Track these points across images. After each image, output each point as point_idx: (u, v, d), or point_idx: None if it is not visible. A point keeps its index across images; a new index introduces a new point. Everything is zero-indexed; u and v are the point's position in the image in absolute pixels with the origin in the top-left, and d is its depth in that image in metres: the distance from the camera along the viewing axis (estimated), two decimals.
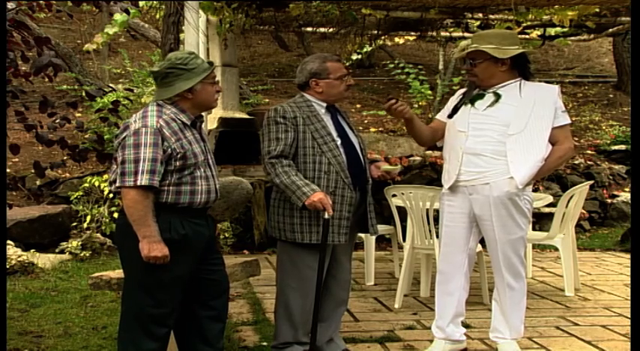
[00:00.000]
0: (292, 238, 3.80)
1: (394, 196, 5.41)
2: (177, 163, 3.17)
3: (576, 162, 9.10)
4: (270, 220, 3.93)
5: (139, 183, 3.07)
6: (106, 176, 7.07)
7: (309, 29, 7.95)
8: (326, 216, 3.65)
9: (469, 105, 3.99)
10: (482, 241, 4.12)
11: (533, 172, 3.88)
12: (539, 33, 8.03)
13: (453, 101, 4.15)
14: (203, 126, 3.44)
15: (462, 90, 4.19)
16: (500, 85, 3.96)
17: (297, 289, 3.83)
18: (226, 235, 7.35)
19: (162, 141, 3.14)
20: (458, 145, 3.94)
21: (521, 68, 4.00)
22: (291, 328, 3.87)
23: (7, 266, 6.05)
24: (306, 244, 3.78)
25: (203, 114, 3.44)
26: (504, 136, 3.86)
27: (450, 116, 4.07)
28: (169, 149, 3.15)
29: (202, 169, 3.26)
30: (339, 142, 3.83)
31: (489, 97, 3.95)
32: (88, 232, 7.17)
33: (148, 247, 3.08)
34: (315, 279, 3.76)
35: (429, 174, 8.41)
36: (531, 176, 3.89)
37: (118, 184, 3.14)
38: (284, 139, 3.74)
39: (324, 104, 3.88)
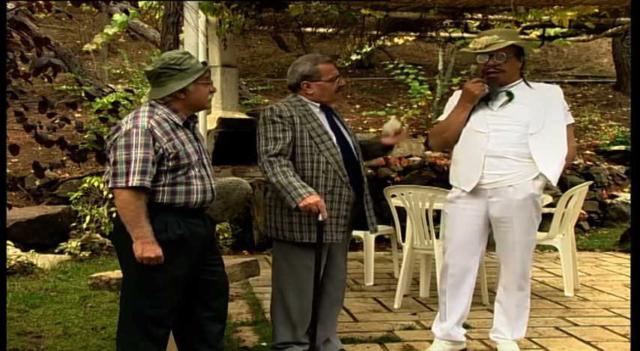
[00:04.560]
0: (291, 238, 3.79)
1: (393, 196, 5.41)
2: (170, 164, 3.16)
3: (576, 162, 9.09)
4: (266, 220, 3.92)
5: (130, 184, 3.06)
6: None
7: (309, 29, 7.94)
8: (320, 218, 3.64)
9: (483, 104, 3.92)
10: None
11: (561, 169, 3.89)
12: (538, 33, 8.03)
13: (453, 101, 4.09)
14: (202, 126, 3.44)
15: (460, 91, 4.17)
16: (513, 84, 3.95)
17: (294, 289, 3.83)
18: (226, 235, 7.36)
19: (154, 141, 3.13)
20: (478, 147, 3.87)
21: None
22: (290, 328, 3.86)
23: (7, 266, 6.05)
24: (305, 243, 3.77)
25: (202, 114, 3.44)
26: (525, 137, 3.83)
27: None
28: (161, 149, 3.14)
29: (197, 169, 3.25)
30: (334, 140, 3.82)
31: (502, 96, 3.92)
32: (87, 232, 7.17)
33: (141, 248, 3.08)
34: (311, 278, 3.77)
35: (428, 174, 8.41)
36: (559, 173, 3.88)
37: (110, 185, 3.14)
38: (282, 139, 3.72)
39: (318, 104, 3.87)
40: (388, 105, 10.41)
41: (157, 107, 3.24)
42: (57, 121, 4.00)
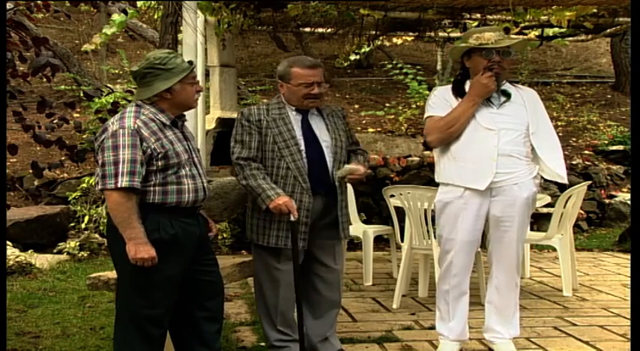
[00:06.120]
0: (255, 240, 3.87)
1: (392, 196, 5.41)
2: (160, 163, 3.16)
3: (574, 162, 9.10)
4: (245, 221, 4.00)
5: (119, 185, 3.06)
6: None
7: (307, 29, 7.94)
8: (292, 218, 3.65)
9: (485, 101, 3.88)
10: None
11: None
12: (537, 33, 8.03)
13: (446, 98, 3.99)
14: (200, 126, 3.43)
15: (445, 87, 4.09)
16: (503, 84, 3.95)
17: (270, 290, 3.88)
18: (224, 235, 7.35)
19: (141, 142, 3.12)
20: (491, 144, 3.84)
21: None
22: (273, 327, 3.91)
23: (5, 267, 6.04)
24: (265, 246, 3.82)
25: (200, 113, 3.43)
26: (525, 136, 3.87)
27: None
28: (149, 150, 3.14)
29: (187, 168, 3.25)
30: (302, 146, 3.79)
31: (499, 95, 3.92)
32: (85, 232, 7.17)
33: (135, 249, 3.08)
34: (284, 279, 3.80)
35: (427, 174, 8.40)
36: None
37: (99, 187, 3.14)
38: (249, 142, 3.78)
39: (293, 107, 3.85)
40: (387, 105, 10.41)
41: (144, 107, 3.24)
42: (55, 121, 4.01)
